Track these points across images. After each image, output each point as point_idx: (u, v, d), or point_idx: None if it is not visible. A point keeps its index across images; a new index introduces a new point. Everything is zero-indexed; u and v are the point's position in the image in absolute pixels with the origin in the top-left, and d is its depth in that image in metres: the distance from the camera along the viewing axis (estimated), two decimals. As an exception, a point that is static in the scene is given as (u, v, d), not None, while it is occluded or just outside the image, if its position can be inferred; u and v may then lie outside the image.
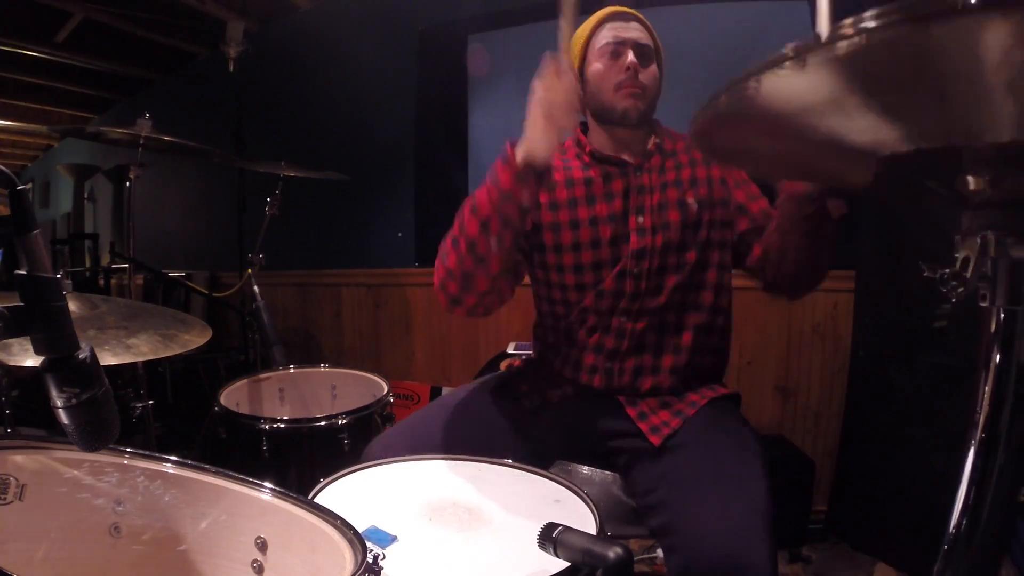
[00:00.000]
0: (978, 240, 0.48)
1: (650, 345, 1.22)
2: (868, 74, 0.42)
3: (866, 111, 0.46)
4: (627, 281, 1.21)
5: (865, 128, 0.48)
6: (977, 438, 0.49)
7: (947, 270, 0.49)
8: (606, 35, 1.23)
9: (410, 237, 3.01)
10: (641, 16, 1.25)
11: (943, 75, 0.40)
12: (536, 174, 1.03)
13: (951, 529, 0.50)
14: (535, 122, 1.01)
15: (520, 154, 1.02)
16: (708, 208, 1.23)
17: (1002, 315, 0.49)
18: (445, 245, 1.15)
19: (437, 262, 1.17)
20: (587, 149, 1.28)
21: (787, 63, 0.41)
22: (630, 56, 1.20)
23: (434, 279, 1.18)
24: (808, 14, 2.16)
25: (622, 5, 1.26)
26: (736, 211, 1.26)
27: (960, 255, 0.49)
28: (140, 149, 2.08)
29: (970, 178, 0.50)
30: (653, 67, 1.24)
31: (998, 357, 0.49)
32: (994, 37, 0.36)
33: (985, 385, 0.49)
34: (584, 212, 1.24)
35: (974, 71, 0.39)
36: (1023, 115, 0.42)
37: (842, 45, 0.38)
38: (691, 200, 1.23)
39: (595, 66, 1.23)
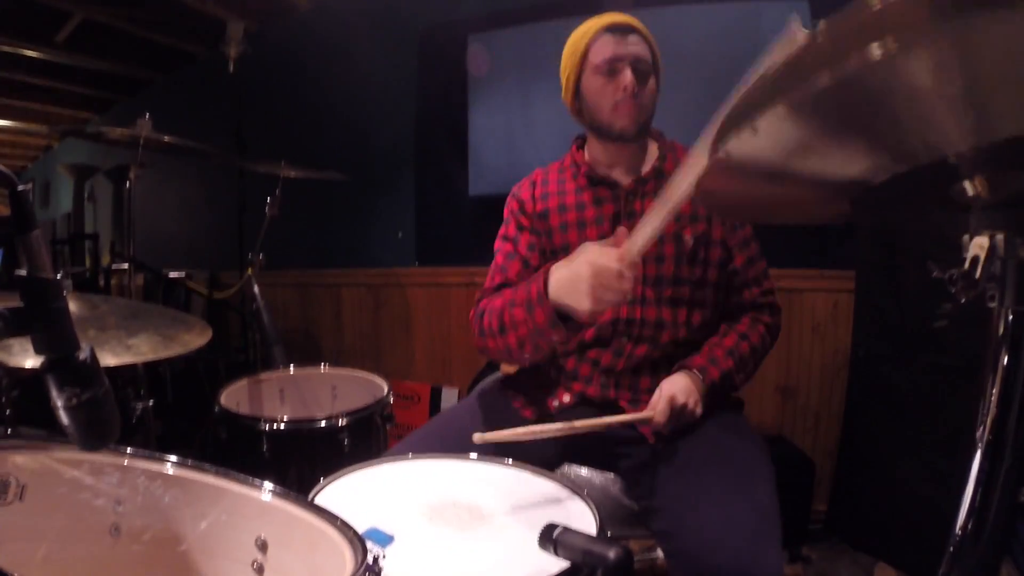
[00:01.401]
0: (986, 241, 0.48)
1: (647, 368, 1.23)
2: (822, 118, 0.43)
3: (839, 148, 0.47)
4: (621, 308, 1.21)
5: (846, 162, 0.49)
6: (984, 440, 0.49)
7: (955, 271, 0.49)
8: (603, 49, 1.17)
9: (410, 237, 3.01)
10: (639, 26, 1.20)
11: (893, 102, 0.41)
12: (571, 324, 1.03)
13: (957, 531, 0.50)
14: (579, 290, 0.95)
15: (555, 298, 1.01)
16: (705, 246, 1.21)
17: (1010, 316, 0.49)
18: (484, 324, 1.19)
19: (476, 331, 1.22)
20: (582, 170, 1.28)
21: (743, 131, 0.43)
22: (628, 76, 1.16)
23: (474, 334, 1.23)
24: (808, 14, 2.16)
25: (621, 8, 1.22)
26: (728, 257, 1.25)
27: (968, 256, 0.49)
28: (140, 149, 2.08)
29: (966, 184, 0.50)
30: (651, 83, 1.20)
31: (1006, 359, 0.48)
32: (921, 62, 0.37)
33: (993, 387, 0.49)
34: (575, 236, 1.25)
35: (917, 93, 0.40)
36: (986, 115, 0.42)
37: (785, 101, 0.40)
38: (688, 236, 1.20)
39: (592, 82, 1.20)
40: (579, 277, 0.95)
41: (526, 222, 1.31)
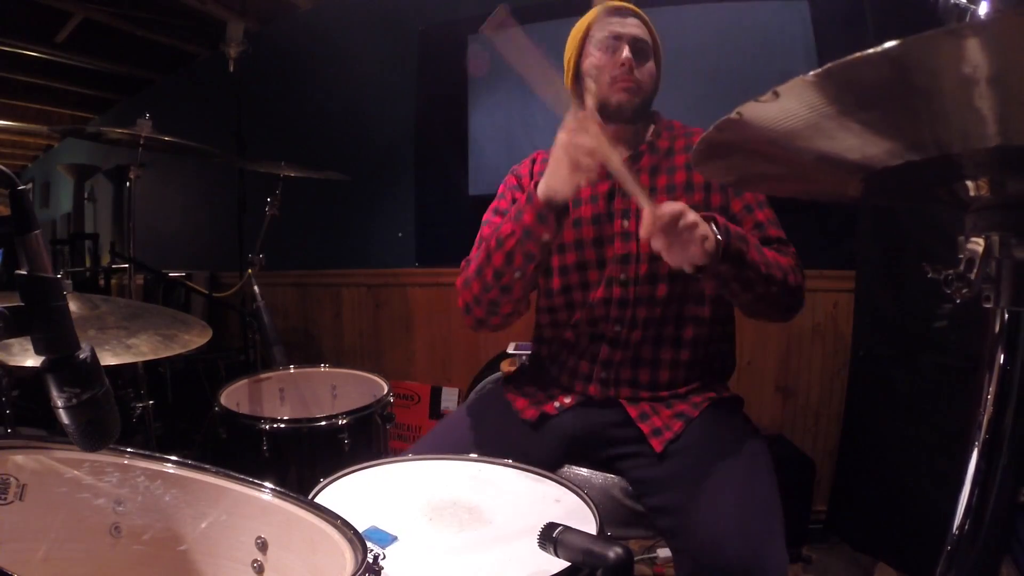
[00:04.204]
0: (982, 241, 0.48)
1: (646, 358, 1.21)
2: (840, 97, 0.43)
3: (846, 131, 0.47)
4: (615, 287, 1.20)
5: (852, 147, 0.49)
6: (981, 439, 0.49)
7: (951, 271, 0.49)
8: (603, 29, 1.22)
9: (410, 237, 3.01)
10: (640, 12, 1.24)
11: (915, 92, 0.41)
12: (556, 212, 1.07)
13: (954, 530, 0.50)
14: (559, 166, 1.03)
15: (542, 193, 1.06)
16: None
17: (1006, 316, 0.49)
18: (469, 273, 1.19)
19: (461, 286, 1.22)
20: None
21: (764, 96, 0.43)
22: (626, 51, 1.19)
23: (459, 301, 1.23)
24: (808, 14, 2.16)
25: (622, 1, 1.25)
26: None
27: (964, 256, 0.49)
28: (140, 149, 2.08)
29: (969, 183, 0.50)
30: (650, 64, 1.23)
31: (1002, 358, 0.48)
32: (962, 53, 0.36)
33: (989, 386, 0.49)
34: (569, 214, 1.24)
35: (946, 86, 0.39)
36: (1005, 121, 0.42)
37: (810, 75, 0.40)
38: None
39: (591, 59, 1.23)
40: (554, 156, 1.03)
41: (520, 197, 1.31)
